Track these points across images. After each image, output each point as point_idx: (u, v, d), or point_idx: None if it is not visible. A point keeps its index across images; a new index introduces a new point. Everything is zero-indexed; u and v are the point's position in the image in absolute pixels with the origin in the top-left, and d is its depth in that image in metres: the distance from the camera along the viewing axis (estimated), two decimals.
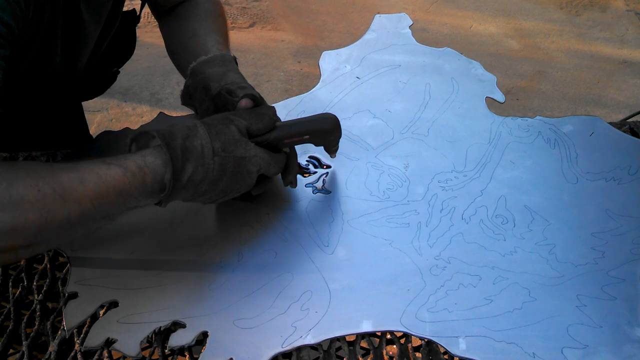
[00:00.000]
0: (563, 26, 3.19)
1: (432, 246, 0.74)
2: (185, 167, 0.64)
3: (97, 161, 0.62)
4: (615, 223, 0.76)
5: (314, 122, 0.76)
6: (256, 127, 0.71)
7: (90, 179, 0.60)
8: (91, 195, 0.59)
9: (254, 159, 0.69)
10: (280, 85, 2.72)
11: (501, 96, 0.97)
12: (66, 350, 0.66)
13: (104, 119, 2.49)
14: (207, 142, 0.66)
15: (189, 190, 0.66)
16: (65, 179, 0.59)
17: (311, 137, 0.76)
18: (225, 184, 0.68)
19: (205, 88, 0.78)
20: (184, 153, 0.64)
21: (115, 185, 0.61)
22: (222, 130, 0.68)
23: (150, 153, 0.64)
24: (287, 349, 0.64)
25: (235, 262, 0.73)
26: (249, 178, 0.70)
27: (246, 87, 0.77)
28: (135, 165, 0.63)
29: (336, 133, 0.78)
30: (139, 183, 0.63)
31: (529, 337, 0.65)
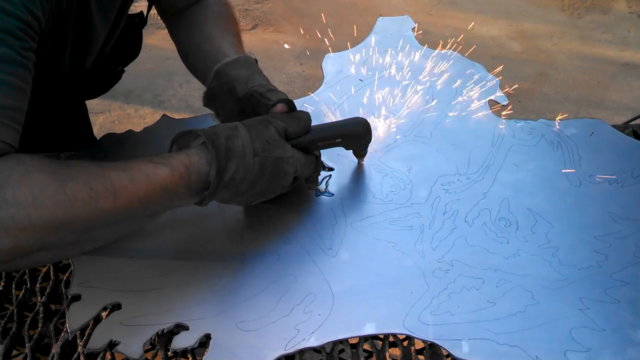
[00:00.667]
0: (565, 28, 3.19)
1: (435, 249, 0.74)
2: (228, 167, 0.66)
3: (145, 160, 0.64)
4: (618, 226, 0.76)
5: (346, 126, 0.78)
6: (293, 130, 0.72)
7: (139, 178, 0.61)
8: (140, 194, 0.61)
9: (291, 159, 0.71)
10: (282, 87, 2.72)
11: (504, 99, 0.97)
12: (69, 353, 0.66)
13: (106, 120, 2.49)
14: (247, 142, 0.67)
15: (230, 189, 0.67)
16: (116, 178, 0.60)
17: (343, 140, 0.78)
18: (264, 184, 0.70)
19: (230, 90, 0.79)
20: (227, 152, 0.66)
21: (163, 184, 0.63)
22: (262, 132, 0.69)
23: (195, 152, 0.66)
24: (290, 351, 0.64)
25: (238, 265, 0.73)
26: (286, 179, 0.71)
27: (275, 89, 0.78)
28: (182, 165, 0.64)
29: (367, 137, 0.80)
30: (185, 182, 0.64)
31: (532, 340, 0.65)
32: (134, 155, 0.87)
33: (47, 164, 0.58)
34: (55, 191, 0.56)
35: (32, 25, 0.61)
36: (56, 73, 0.80)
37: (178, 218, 0.78)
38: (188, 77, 2.83)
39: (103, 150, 0.89)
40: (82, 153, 0.89)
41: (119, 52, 0.97)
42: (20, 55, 0.60)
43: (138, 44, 1.02)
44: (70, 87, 0.88)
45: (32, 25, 0.61)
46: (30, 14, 0.60)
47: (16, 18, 0.59)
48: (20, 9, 0.59)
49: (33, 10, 0.60)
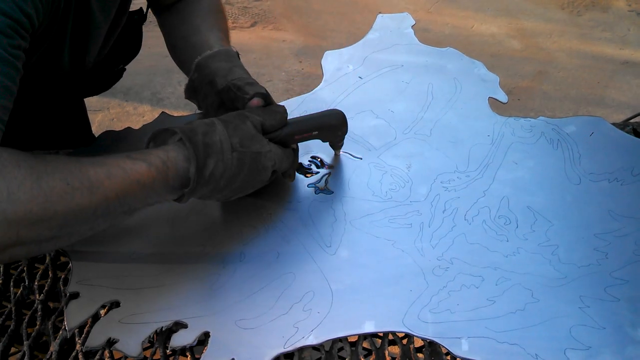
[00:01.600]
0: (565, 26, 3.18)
1: (435, 247, 0.74)
2: (207, 163, 0.66)
3: (122, 156, 0.63)
4: (618, 224, 0.76)
5: (322, 118, 0.79)
6: (269, 124, 0.73)
7: (116, 174, 0.61)
8: (117, 189, 0.61)
9: (269, 154, 0.71)
10: (281, 85, 2.72)
11: (504, 96, 0.96)
12: (67, 350, 0.66)
13: (105, 118, 2.49)
14: (225, 137, 0.67)
15: (209, 185, 0.67)
16: (92, 173, 0.60)
17: (320, 132, 0.78)
18: (243, 180, 0.70)
19: (210, 82, 0.79)
20: (205, 148, 0.66)
21: (140, 179, 0.63)
22: (239, 126, 0.69)
23: (173, 148, 0.66)
24: (289, 349, 0.64)
25: (237, 263, 0.73)
26: (264, 173, 0.72)
27: (253, 83, 0.78)
28: (160, 160, 0.64)
29: (343, 128, 0.81)
30: (162, 178, 0.64)
31: (532, 338, 0.65)
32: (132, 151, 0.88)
33: (24, 160, 0.57)
34: (31, 186, 0.56)
35: (22, 24, 0.60)
36: (55, 71, 0.80)
37: (177, 216, 0.78)
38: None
39: (101, 147, 0.89)
40: (80, 150, 0.88)
41: (119, 50, 0.97)
42: (9, 53, 0.59)
43: (138, 41, 1.02)
44: (70, 85, 0.87)
45: (23, 23, 0.60)
46: (21, 12, 0.60)
47: (6, 15, 0.58)
48: (10, 6, 0.58)
49: (24, 8, 0.60)
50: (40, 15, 0.64)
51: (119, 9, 0.86)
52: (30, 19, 0.61)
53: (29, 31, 0.62)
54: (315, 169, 0.85)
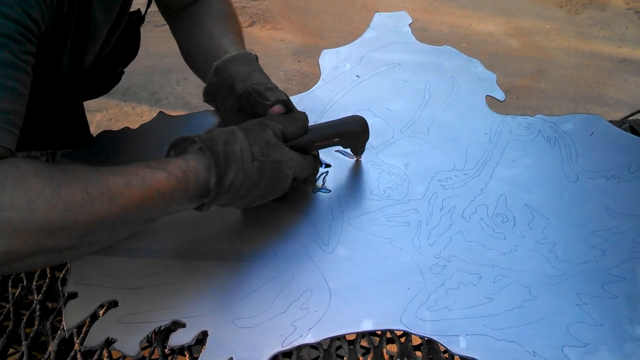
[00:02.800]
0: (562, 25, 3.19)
1: (432, 245, 0.74)
2: (228, 172, 0.65)
3: (142, 165, 0.63)
4: (615, 221, 0.76)
5: (344, 125, 0.78)
6: (290, 132, 0.72)
7: (136, 183, 0.61)
8: (136, 199, 0.61)
9: (290, 162, 0.70)
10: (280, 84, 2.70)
11: (501, 94, 0.96)
12: (66, 350, 0.66)
13: (103, 118, 2.49)
14: (246, 146, 0.67)
15: (229, 194, 0.67)
16: (112, 182, 0.60)
17: (341, 139, 0.77)
18: (263, 188, 0.69)
19: (230, 87, 0.79)
20: (225, 158, 0.65)
21: (160, 188, 0.62)
22: (259, 135, 0.69)
23: (193, 157, 0.66)
24: (287, 348, 0.64)
25: (235, 262, 0.73)
26: (285, 181, 0.71)
27: (274, 88, 0.77)
28: (179, 170, 0.64)
29: (364, 135, 0.79)
30: (182, 188, 0.64)
31: (530, 335, 0.65)
32: (131, 151, 0.88)
33: (42, 169, 0.58)
34: (50, 195, 0.56)
35: (31, 30, 0.61)
36: (54, 74, 0.80)
37: (176, 216, 0.77)
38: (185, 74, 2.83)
39: (99, 147, 0.89)
40: (79, 150, 0.88)
41: (118, 52, 0.97)
42: (20, 59, 0.60)
43: (137, 43, 1.01)
44: (69, 88, 0.87)
45: (32, 29, 0.61)
46: (29, 18, 0.60)
47: (16, 22, 0.59)
48: (19, 13, 0.59)
49: (32, 14, 0.60)
50: (46, 21, 0.64)
51: (120, 12, 0.86)
52: (37, 25, 0.62)
53: (37, 36, 0.63)
54: None
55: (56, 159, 0.87)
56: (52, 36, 0.71)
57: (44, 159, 0.87)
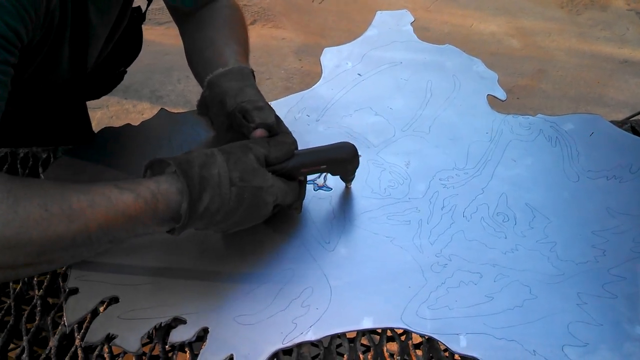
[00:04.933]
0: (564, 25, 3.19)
1: (433, 243, 0.74)
2: (202, 197, 0.63)
3: (110, 185, 0.61)
4: (616, 221, 0.76)
5: (332, 152, 0.75)
6: (274, 156, 0.69)
7: (100, 203, 0.59)
8: (100, 219, 0.59)
9: (271, 189, 0.67)
10: (281, 83, 2.72)
11: (502, 94, 0.96)
12: (67, 346, 0.66)
13: (104, 116, 2.49)
14: (224, 171, 0.64)
15: (204, 220, 0.64)
16: (75, 200, 0.58)
17: (328, 166, 0.74)
18: (241, 215, 0.66)
19: (221, 102, 0.77)
20: (201, 182, 0.63)
21: (125, 210, 0.60)
22: (241, 159, 0.66)
23: (166, 180, 0.63)
24: (287, 345, 0.64)
25: (236, 259, 0.73)
26: (265, 208, 0.68)
27: (263, 107, 0.75)
28: (149, 192, 0.61)
29: (354, 162, 0.76)
30: (151, 210, 0.61)
31: (530, 334, 0.65)
32: (132, 148, 0.88)
33: (4, 183, 0.56)
34: (7, 210, 0.54)
35: (9, 39, 0.59)
36: (55, 78, 0.79)
37: None
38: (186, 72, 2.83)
39: (101, 144, 0.89)
40: (80, 147, 0.88)
41: (120, 52, 0.96)
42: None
43: (139, 42, 1.01)
44: (71, 89, 0.87)
45: (10, 39, 0.59)
46: (7, 27, 0.58)
47: None
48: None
49: (11, 23, 0.59)
50: (30, 32, 0.63)
51: (119, 14, 0.85)
52: (18, 34, 0.60)
53: (17, 46, 0.61)
54: None
55: (57, 155, 0.87)
56: (45, 43, 0.70)
57: (45, 155, 0.88)
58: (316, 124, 0.91)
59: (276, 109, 0.94)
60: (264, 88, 2.66)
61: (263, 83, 2.70)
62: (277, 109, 0.93)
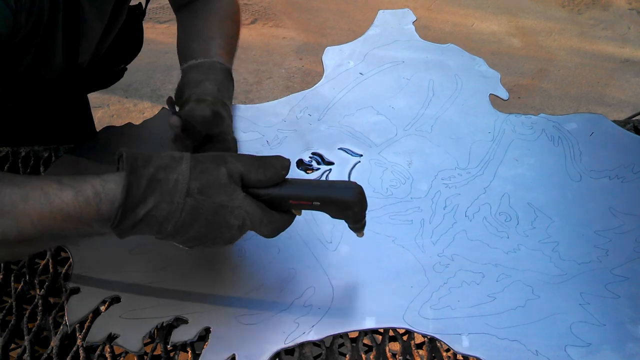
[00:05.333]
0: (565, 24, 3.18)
1: (436, 243, 0.74)
2: (147, 200, 0.57)
3: (52, 179, 0.57)
4: (618, 221, 0.76)
5: (330, 189, 0.63)
6: (255, 177, 0.61)
7: (35, 198, 0.55)
8: (32, 215, 0.55)
9: (237, 210, 0.59)
10: (281, 82, 2.72)
11: (505, 93, 0.96)
12: (68, 345, 0.66)
13: (105, 115, 2.48)
14: (184, 178, 0.58)
15: (149, 226, 0.58)
16: (7, 192, 0.55)
17: (323, 204, 0.63)
18: (198, 231, 0.59)
19: (182, 93, 0.77)
20: (149, 184, 0.57)
21: (63, 208, 0.56)
22: (209, 170, 0.59)
23: (113, 179, 0.58)
24: (289, 345, 0.64)
25: (237, 259, 0.73)
26: (228, 231, 0.60)
27: (206, 100, 0.73)
28: (92, 190, 0.57)
29: (356, 208, 0.64)
30: (93, 210, 0.56)
31: (532, 334, 0.65)
32: (133, 147, 0.87)
33: None
34: None
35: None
36: (50, 69, 0.79)
37: None
38: None
39: (102, 143, 0.89)
40: (82, 146, 0.88)
41: (119, 48, 0.96)
42: None
43: (139, 39, 1.01)
44: (68, 83, 0.87)
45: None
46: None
47: None
48: None
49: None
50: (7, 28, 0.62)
51: (114, 11, 0.84)
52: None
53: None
54: (316, 165, 0.85)
55: (59, 154, 0.87)
56: (35, 36, 0.70)
57: (46, 154, 0.87)
58: (318, 123, 0.91)
59: (278, 108, 0.94)
60: (264, 87, 2.66)
61: (264, 82, 2.70)
62: (279, 108, 0.94)
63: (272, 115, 0.92)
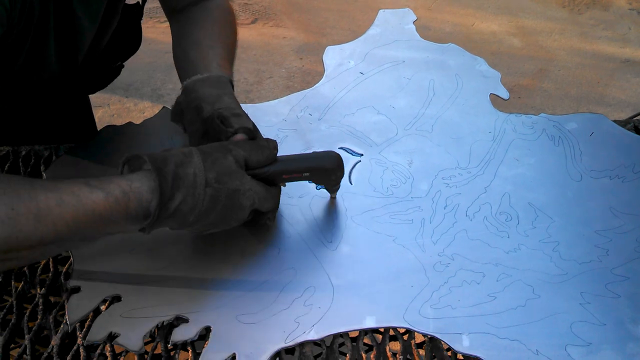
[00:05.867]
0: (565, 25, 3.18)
1: (436, 243, 0.74)
2: (175, 196, 0.62)
3: (80, 182, 0.60)
4: (619, 221, 0.76)
5: (315, 160, 0.73)
6: (255, 159, 0.68)
7: (69, 201, 0.58)
8: (68, 218, 0.57)
9: (249, 192, 0.66)
10: (282, 82, 2.72)
11: (505, 93, 0.96)
12: (68, 344, 0.66)
13: (105, 114, 2.49)
14: (200, 171, 0.63)
15: (176, 219, 0.63)
16: (43, 199, 0.57)
17: (311, 174, 0.72)
18: (216, 217, 0.65)
19: (197, 108, 0.76)
20: (174, 181, 0.62)
21: (95, 209, 0.59)
22: (219, 160, 0.65)
23: (138, 178, 0.62)
24: (290, 344, 0.64)
25: (238, 258, 0.73)
26: (242, 212, 0.67)
27: (241, 114, 0.74)
28: (120, 190, 0.60)
29: (338, 173, 0.74)
30: (122, 209, 0.60)
31: (533, 334, 0.65)
32: (134, 146, 0.88)
33: None
34: None
35: None
36: (44, 69, 0.79)
37: None
38: None
39: (103, 142, 0.89)
40: (82, 145, 0.88)
41: (116, 46, 0.96)
42: None
43: (137, 37, 1.00)
44: (64, 83, 0.86)
45: None
46: None
47: None
48: None
49: None
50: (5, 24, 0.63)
51: (108, 11, 0.84)
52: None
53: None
54: None
55: (59, 153, 0.87)
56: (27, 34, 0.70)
57: (47, 153, 0.87)
58: (318, 122, 0.91)
59: (278, 108, 0.94)
60: (264, 87, 2.66)
61: (264, 82, 2.70)
62: (279, 108, 0.94)
63: (273, 115, 0.93)
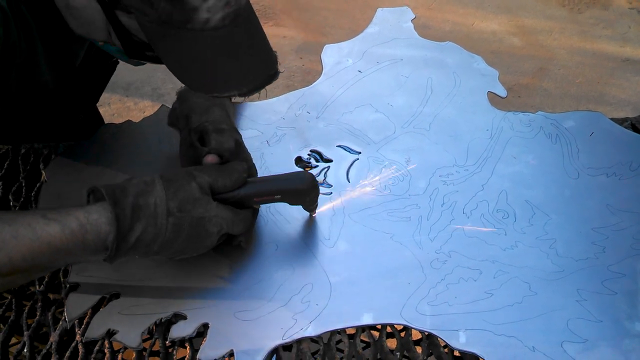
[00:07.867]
0: (565, 24, 3.18)
1: (433, 240, 0.74)
2: (135, 227, 0.61)
3: (37, 214, 0.60)
4: (616, 218, 0.76)
5: (287, 181, 0.71)
6: (221, 184, 0.67)
7: (24, 234, 0.58)
8: (23, 251, 0.58)
9: (215, 219, 0.65)
10: (282, 81, 2.71)
11: (503, 91, 0.96)
12: (67, 341, 0.67)
13: (105, 113, 2.48)
14: (162, 200, 0.62)
15: (138, 250, 0.63)
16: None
17: (283, 196, 0.70)
18: (181, 245, 0.64)
19: (186, 118, 0.76)
20: (134, 212, 0.61)
21: (51, 241, 0.59)
22: (182, 187, 0.64)
23: (96, 210, 0.61)
24: (287, 341, 0.65)
25: (236, 255, 0.73)
26: (209, 239, 0.66)
27: (224, 130, 0.73)
28: (77, 223, 0.60)
29: (312, 193, 0.73)
30: (79, 241, 0.60)
31: (529, 331, 0.65)
32: (133, 145, 0.88)
33: None
34: None
35: None
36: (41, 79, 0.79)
37: None
38: None
39: (102, 140, 0.89)
40: (81, 143, 0.89)
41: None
42: None
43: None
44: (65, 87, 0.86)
45: None
46: None
47: None
48: None
49: None
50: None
51: None
52: None
53: None
54: (315, 162, 0.85)
55: (59, 151, 0.87)
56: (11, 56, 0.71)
57: (46, 151, 0.88)
58: (316, 120, 0.91)
59: (276, 106, 0.94)
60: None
61: None
62: (278, 106, 0.94)
63: (271, 113, 0.93)
